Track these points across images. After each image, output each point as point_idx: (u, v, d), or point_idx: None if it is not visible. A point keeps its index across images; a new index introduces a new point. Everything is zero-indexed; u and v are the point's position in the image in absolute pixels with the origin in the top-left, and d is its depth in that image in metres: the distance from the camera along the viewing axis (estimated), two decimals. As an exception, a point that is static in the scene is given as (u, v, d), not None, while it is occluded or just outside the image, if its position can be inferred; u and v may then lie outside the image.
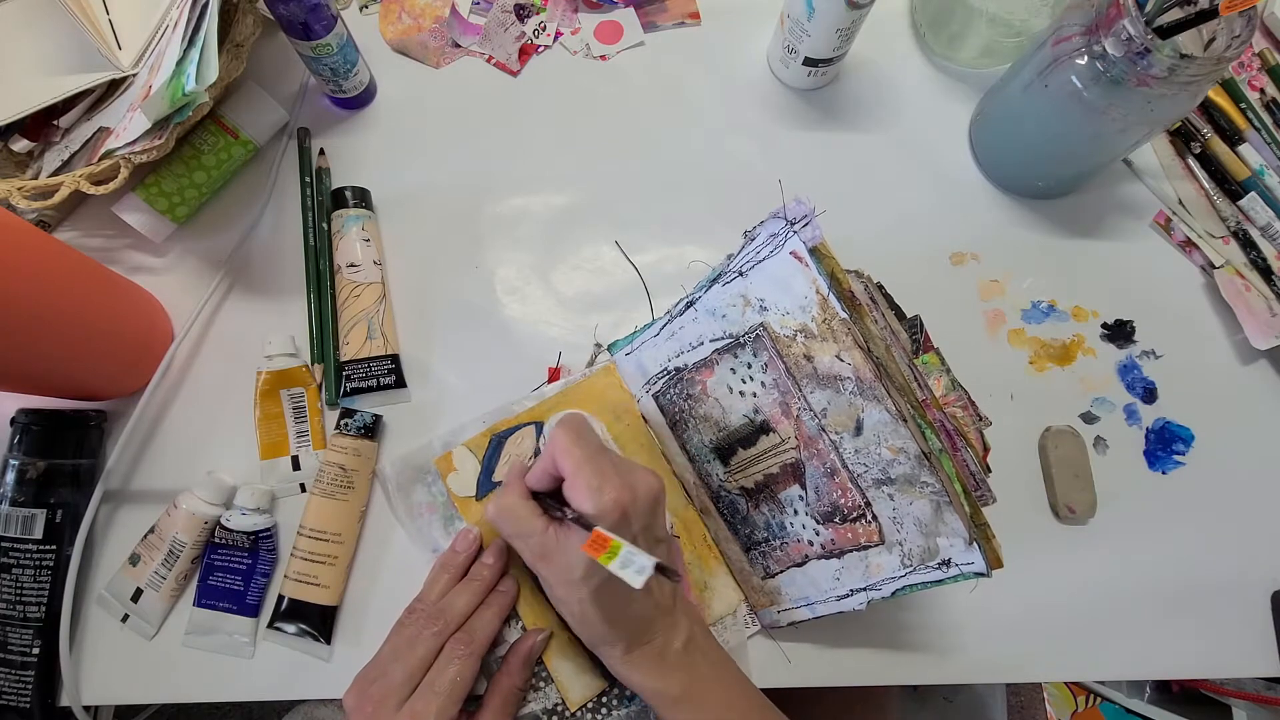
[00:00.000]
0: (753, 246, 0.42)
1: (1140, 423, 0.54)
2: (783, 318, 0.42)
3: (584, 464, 0.38)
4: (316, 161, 0.55)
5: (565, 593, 0.39)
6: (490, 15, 0.59)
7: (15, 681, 0.44)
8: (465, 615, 0.42)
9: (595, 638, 0.41)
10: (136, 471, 0.49)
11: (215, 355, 0.51)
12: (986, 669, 0.49)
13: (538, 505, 0.41)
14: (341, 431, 0.48)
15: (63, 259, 0.43)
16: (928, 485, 0.38)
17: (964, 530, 0.38)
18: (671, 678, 0.40)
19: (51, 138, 0.52)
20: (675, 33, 0.61)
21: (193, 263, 0.53)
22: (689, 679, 0.40)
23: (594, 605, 0.39)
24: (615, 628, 0.40)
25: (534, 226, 0.55)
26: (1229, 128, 0.59)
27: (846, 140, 0.59)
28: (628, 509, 0.37)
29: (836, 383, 0.40)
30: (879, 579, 0.42)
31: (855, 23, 0.52)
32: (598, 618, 0.39)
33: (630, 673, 0.40)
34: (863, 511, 0.41)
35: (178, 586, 0.46)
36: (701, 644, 0.42)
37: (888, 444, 0.39)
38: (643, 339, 0.50)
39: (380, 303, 0.51)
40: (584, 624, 0.40)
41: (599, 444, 0.40)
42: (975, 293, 0.56)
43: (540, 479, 0.41)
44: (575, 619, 0.40)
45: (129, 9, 0.51)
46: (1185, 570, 0.52)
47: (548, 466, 0.40)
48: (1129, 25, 0.42)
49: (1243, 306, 0.55)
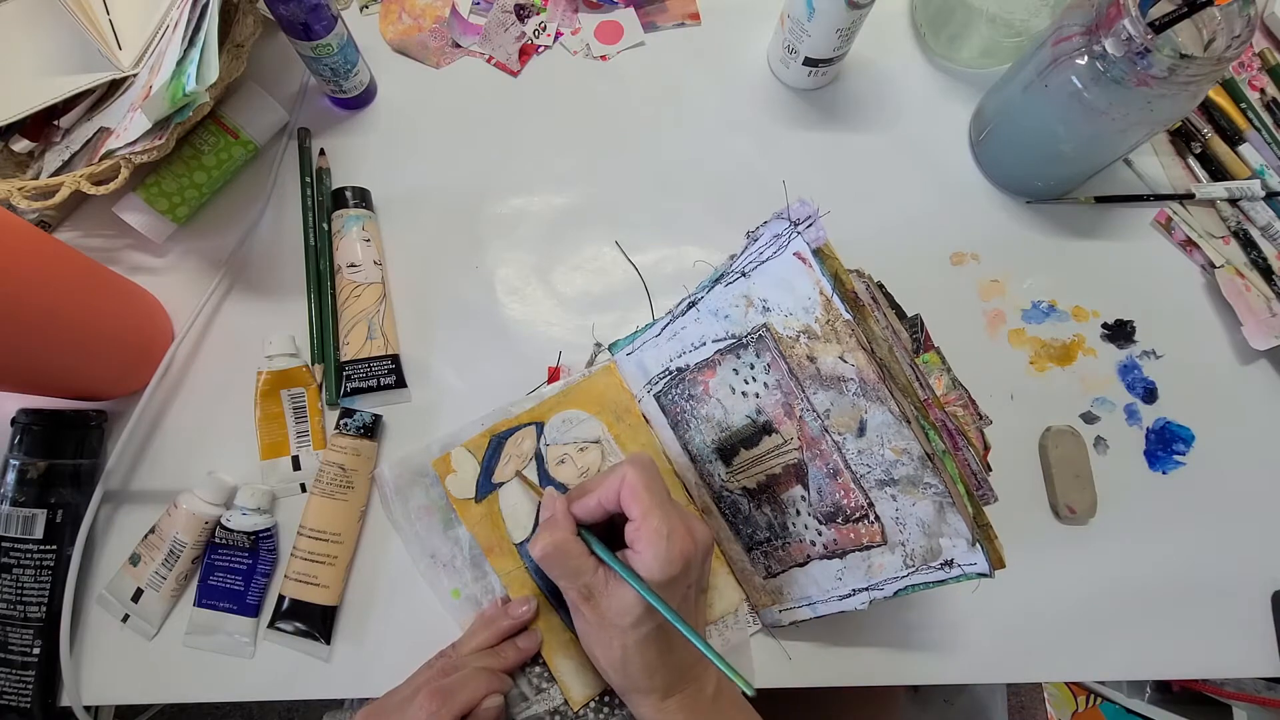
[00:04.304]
0: (756, 247, 0.42)
1: (1140, 423, 0.54)
2: (786, 318, 0.42)
3: (654, 509, 0.37)
4: (317, 161, 0.55)
5: (608, 636, 0.38)
6: (490, 15, 0.59)
7: (16, 681, 0.44)
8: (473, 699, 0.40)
9: (630, 685, 0.39)
10: (137, 471, 0.49)
11: (215, 355, 0.51)
12: (987, 669, 0.49)
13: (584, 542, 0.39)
14: (341, 431, 0.48)
15: (63, 259, 0.43)
16: (931, 486, 0.38)
17: (967, 531, 0.38)
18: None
19: (52, 138, 0.52)
20: (675, 33, 0.61)
21: (193, 263, 0.53)
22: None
23: (638, 651, 0.38)
24: (654, 676, 0.39)
25: (534, 226, 0.55)
26: (1229, 128, 0.59)
27: (846, 140, 0.59)
28: (691, 560, 0.37)
29: (840, 384, 0.40)
30: (881, 579, 0.42)
31: (855, 23, 0.52)
32: (639, 665, 0.38)
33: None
34: (865, 512, 0.41)
35: (178, 586, 0.46)
36: (727, 691, 0.41)
37: (891, 445, 0.39)
38: (644, 339, 0.50)
39: (380, 303, 0.51)
40: (623, 670, 0.39)
41: (666, 488, 0.39)
42: (975, 293, 0.56)
43: (594, 512, 0.39)
44: (614, 664, 0.39)
45: (129, 9, 0.51)
46: (1185, 570, 0.52)
47: (606, 502, 0.39)
48: (1129, 25, 0.42)
49: (1243, 306, 0.55)
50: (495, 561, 0.47)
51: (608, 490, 0.39)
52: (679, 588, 0.38)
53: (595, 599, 0.38)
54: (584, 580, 0.38)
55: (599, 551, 0.39)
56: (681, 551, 0.36)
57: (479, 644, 0.44)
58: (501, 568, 0.47)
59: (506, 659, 0.44)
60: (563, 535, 0.39)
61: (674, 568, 0.36)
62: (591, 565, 0.38)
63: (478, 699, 0.40)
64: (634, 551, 0.38)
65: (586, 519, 0.40)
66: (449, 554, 0.48)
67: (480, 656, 0.43)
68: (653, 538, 0.36)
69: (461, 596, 0.47)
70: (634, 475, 0.38)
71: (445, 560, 0.48)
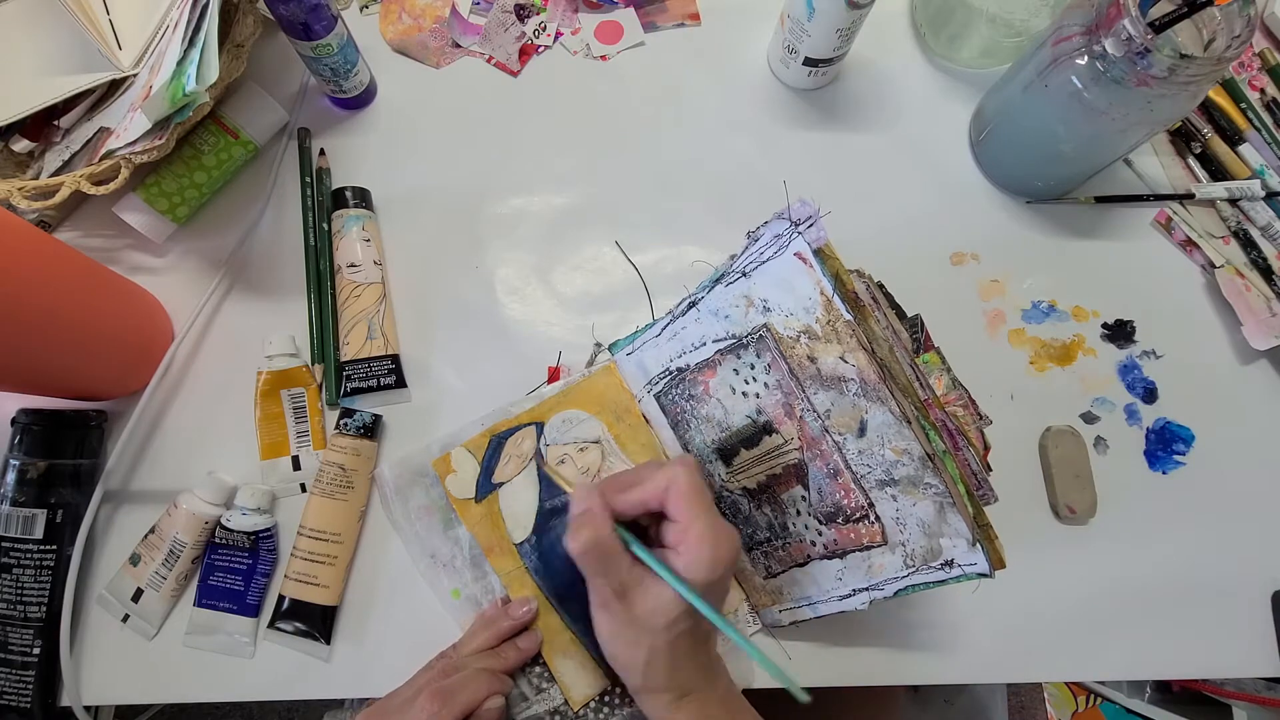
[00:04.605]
0: (756, 247, 0.42)
1: (1140, 423, 0.54)
2: (786, 319, 0.42)
3: (703, 514, 0.37)
4: (317, 161, 0.55)
5: (635, 634, 0.37)
6: (490, 15, 0.59)
7: (16, 681, 0.44)
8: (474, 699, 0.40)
9: (649, 686, 0.39)
10: (137, 471, 0.49)
11: (215, 355, 0.51)
12: (987, 669, 0.49)
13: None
14: (341, 431, 0.48)
15: (63, 259, 0.43)
16: (931, 486, 0.38)
17: (967, 531, 0.38)
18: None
19: (52, 138, 0.52)
20: (675, 33, 0.61)
21: (193, 263, 0.53)
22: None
23: (667, 653, 0.37)
24: (676, 676, 0.38)
25: (534, 226, 0.55)
26: (1229, 128, 0.59)
27: (846, 140, 0.59)
28: (730, 566, 0.37)
29: (840, 384, 0.40)
30: (881, 579, 0.42)
31: (855, 23, 0.52)
32: (664, 666, 0.38)
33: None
34: (866, 512, 0.41)
35: (178, 586, 0.46)
36: (734, 690, 0.42)
37: (891, 445, 0.39)
38: (644, 339, 0.50)
39: (380, 303, 0.51)
40: (645, 670, 0.38)
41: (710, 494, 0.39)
42: (975, 293, 0.56)
43: (636, 508, 0.39)
44: (636, 664, 0.38)
45: (129, 9, 0.51)
46: (1185, 570, 0.52)
47: (650, 499, 0.38)
48: (1129, 25, 0.42)
49: (1243, 306, 0.55)
50: (495, 561, 0.47)
51: (653, 489, 0.38)
52: (717, 592, 0.38)
53: (629, 597, 0.37)
54: (620, 578, 0.37)
55: (638, 552, 0.38)
56: (727, 557, 0.36)
57: (479, 645, 0.44)
58: (501, 568, 0.47)
59: (507, 660, 0.44)
60: (604, 533, 0.37)
61: (718, 572, 0.36)
62: (628, 563, 0.37)
63: (479, 700, 0.40)
64: (675, 553, 0.37)
65: (625, 515, 0.39)
66: (449, 554, 0.48)
67: (481, 658, 0.43)
68: (700, 542, 0.36)
69: (461, 596, 0.47)
70: (685, 478, 0.37)
71: (445, 560, 0.48)
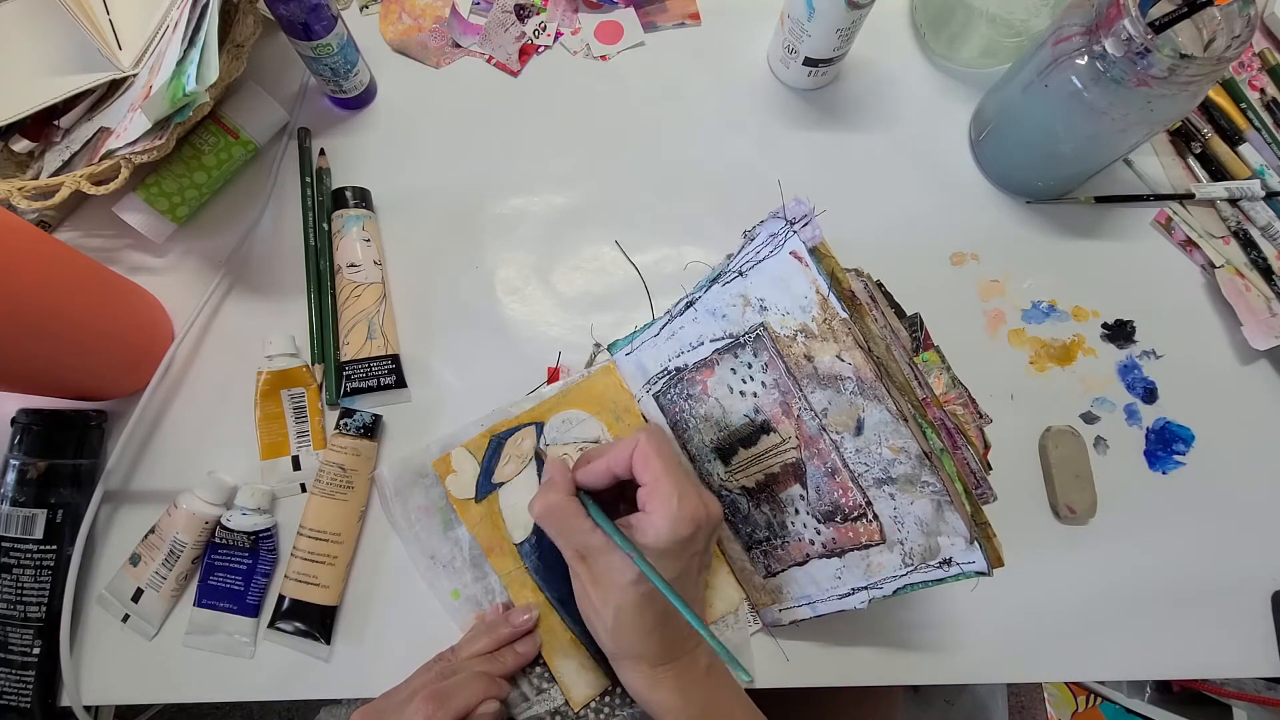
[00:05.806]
0: (752, 246, 0.42)
1: (1140, 423, 0.54)
2: (783, 318, 0.42)
3: (667, 473, 0.38)
4: (317, 161, 0.55)
5: (604, 595, 0.38)
6: (490, 15, 0.59)
7: (16, 681, 0.44)
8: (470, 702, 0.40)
9: (623, 649, 0.40)
10: (137, 471, 0.49)
11: (215, 355, 0.51)
12: (987, 669, 0.49)
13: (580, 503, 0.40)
14: (341, 431, 0.48)
15: (63, 259, 0.43)
16: (929, 485, 0.38)
17: (965, 529, 0.38)
18: (693, 696, 0.39)
19: (52, 138, 0.52)
20: (675, 33, 0.61)
21: (193, 263, 0.53)
22: (712, 700, 0.40)
23: (634, 612, 0.38)
24: (649, 640, 0.39)
25: (534, 226, 0.55)
26: (1229, 128, 0.59)
27: (846, 140, 0.59)
28: (700, 524, 0.37)
29: (837, 382, 0.40)
30: (880, 578, 0.42)
31: (855, 23, 0.52)
32: (634, 626, 0.38)
33: (652, 690, 0.39)
34: (864, 511, 0.41)
35: (178, 586, 0.46)
36: (720, 668, 0.42)
37: (889, 443, 0.39)
38: (643, 339, 0.50)
39: (380, 303, 0.51)
40: (617, 633, 0.39)
41: (679, 458, 0.40)
42: (975, 293, 0.56)
43: (602, 477, 0.40)
44: (608, 626, 0.39)
45: (129, 9, 0.51)
46: (1185, 570, 0.51)
47: (614, 466, 0.39)
48: (1129, 25, 0.42)
49: (1243, 306, 0.55)
50: (495, 562, 0.47)
51: (618, 455, 0.39)
52: (685, 554, 0.38)
53: (593, 556, 0.39)
54: (580, 539, 0.39)
55: (594, 515, 0.39)
56: (693, 514, 0.37)
57: (479, 649, 0.44)
58: (501, 568, 0.47)
59: (505, 664, 0.44)
60: (559, 496, 0.39)
61: (684, 528, 0.37)
62: (588, 526, 0.39)
63: (475, 703, 0.40)
64: (645, 513, 0.38)
65: (591, 484, 0.40)
66: (449, 554, 0.48)
67: (479, 661, 0.43)
68: (665, 498, 0.37)
69: (461, 597, 0.47)
70: (647, 441, 0.39)
71: (445, 561, 0.48)
